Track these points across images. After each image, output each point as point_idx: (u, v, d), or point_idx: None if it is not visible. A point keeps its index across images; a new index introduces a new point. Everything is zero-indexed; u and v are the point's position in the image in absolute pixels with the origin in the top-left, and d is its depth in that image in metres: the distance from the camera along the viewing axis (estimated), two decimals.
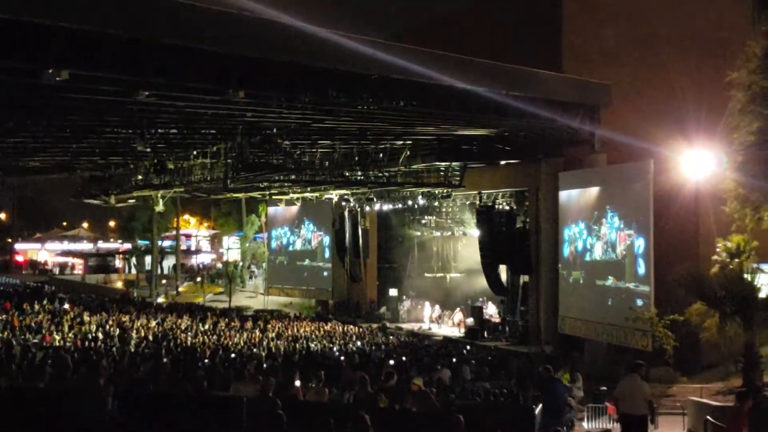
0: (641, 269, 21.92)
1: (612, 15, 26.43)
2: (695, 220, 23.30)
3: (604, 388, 17.96)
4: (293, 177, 28.78)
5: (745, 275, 16.83)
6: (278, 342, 23.90)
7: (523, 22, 28.54)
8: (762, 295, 15.78)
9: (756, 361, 15.94)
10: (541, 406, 12.44)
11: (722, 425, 11.86)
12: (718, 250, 19.77)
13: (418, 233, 38.02)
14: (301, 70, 17.14)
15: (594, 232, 24.29)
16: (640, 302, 21.66)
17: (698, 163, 20.74)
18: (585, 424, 16.03)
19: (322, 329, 28.61)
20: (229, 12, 15.85)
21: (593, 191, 24.67)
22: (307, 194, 37.71)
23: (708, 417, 13.03)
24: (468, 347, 26.92)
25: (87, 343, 20.67)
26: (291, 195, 38.60)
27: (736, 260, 19.13)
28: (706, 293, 16.53)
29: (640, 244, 21.98)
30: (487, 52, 22.33)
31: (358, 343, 25.44)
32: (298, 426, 8.37)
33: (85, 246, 66.10)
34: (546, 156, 27.41)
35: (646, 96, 24.30)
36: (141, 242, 58.76)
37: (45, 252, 66.24)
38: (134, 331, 23.75)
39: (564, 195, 26.00)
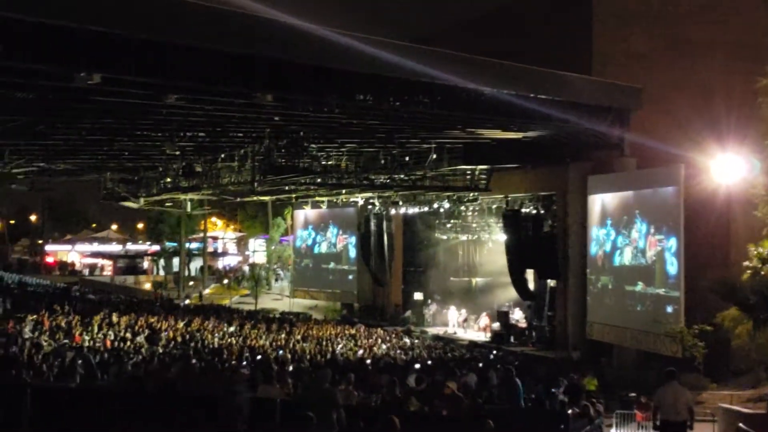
0: (671, 275, 21.65)
1: (642, 18, 26.22)
2: (726, 225, 22.99)
3: (633, 394, 17.79)
4: (319, 180, 28.88)
5: None
6: (304, 344, 23.95)
7: (553, 25, 28.40)
8: None
9: None
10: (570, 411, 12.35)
11: None
12: (750, 255, 19.51)
13: (444, 237, 37.92)
14: (328, 73, 17.24)
15: (623, 237, 24.04)
16: (670, 309, 21.41)
17: (729, 167, 20.47)
18: (613, 431, 15.87)
19: (347, 332, 28.62)
20: (257, 16, 15.97)
21: (623, 195, 24.44)
22: (333, 197, 37.81)
23: (740, 424, 12.84)
24: (494, 352, 26.78)
25: (116, 343, 20.86)
26: (317, 198, 38.74)
27: None
28: (739, 299, 16.29)
29: (670, 249, 21.72)
30: (515, 55, 22.24)
31: (384, 346, 25.41)
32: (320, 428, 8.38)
33: (114, 247, 66.82)
34: (574, 160, 27.22)
35: (677, 100, 24.04)
36: (169, 244, 59.28)
37: (75, 253, 67.05)
38: (162, 333, 23.93)
39: (592, 199, 25.79)
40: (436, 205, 34.07)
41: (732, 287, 16.63)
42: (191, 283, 54.06)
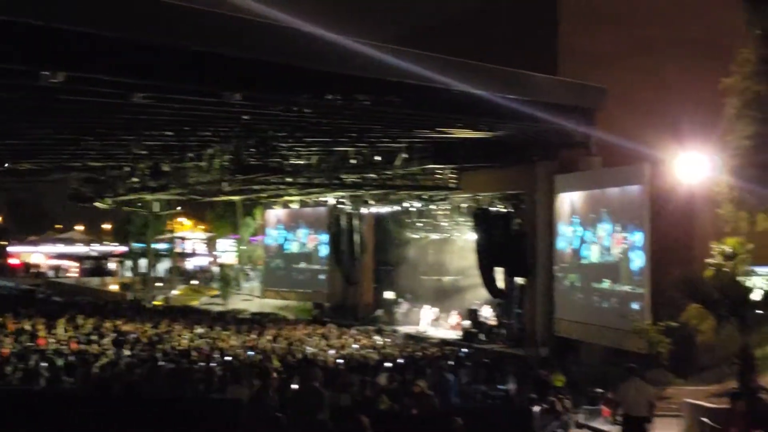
0: (637, 272, 21.97)
1: (608, 18, 26.47)
2: (690, 223, 23.33)
3: (600, 390, 18.00)
4: (289, 179, 28.77)
5: (740, 278, 16.87)
6: (274, 345, 23.85)
7: (519, 25, 28.60)
8: (756, 297, 15.83)
9: (751, 363, 15.97)
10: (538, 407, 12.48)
11: (718, 427, 11.90)
12: (713, 253, 19.85)
13: (415, 236, 38.02)
14: (298, 72, 17.13)
15: (590, 235, 24.33)
16: (636, 306, 21.70)
17: (693, 166, 20.79)
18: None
19: (318, 332, 28.56)
20: (226, 13, 15.84)
21: (589, 194, 24.72)
22: (303, 197, 37.70)
23: (704, 419, 13.07)
24: (464, 350, 26.91)
25: (82, 346, 20.59)
26: (287, 197, 38.60)
27: (731, 263, 19.20)
28: (701, 296, 16.59)
29: (636, 246, 22.04)
30: (482, 55, 22.33)
31: (355, 345, 25.40)
32: (296, 428, 8.36)
33: (80, 249, 65.93)
34: (542, 159, 27.46)
35: (642, 99, 24.36)
36: (136, 245, 58.62)
37: (39, 254, 66.05)
38: (129, 335, 23.68)
39: (560, 198, 26.07)
40: (406, 204, 34.14)
41: (695, 284, 16.92)
42: (159, 284, 53.55)
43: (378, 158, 29.22)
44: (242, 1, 16.03)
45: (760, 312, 15.62)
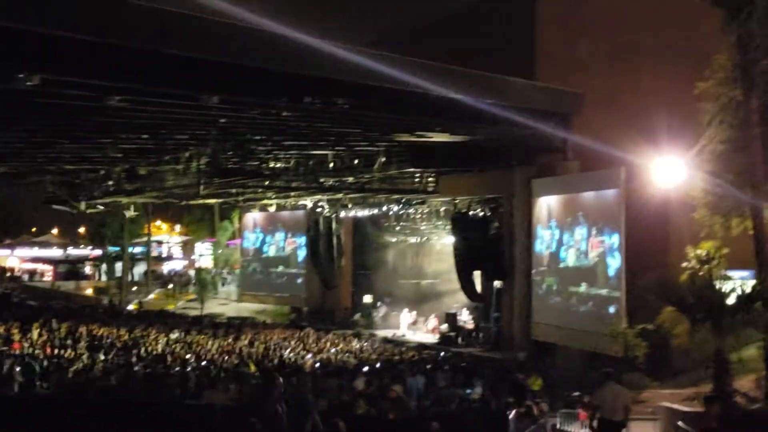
0: (613, 276, 22.12)
1: (586, 23, 26.68)
2: (666, 227, 23.58)
3: (577, 393, 18.07)
4: (267, 183, 28.67)
5: (715, 282, 17.05)
6: (251, 350, 23.73)
7: (497, 29, 28.72)
8: (730, 301, 16.00)
9: (726, 366, 16.14)
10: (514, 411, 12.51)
11: (693, 430, 11.98)
12: (688, 257, 20.05)
13: (393, 239, 38.03)
14: (275, 75, 17.09)
15: (567, 238, 24.47)
16: (612, 309, 21.84)
17: (669, 171, 20.97)
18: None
19: (295, 337, 28.44)
20: (203, 17, 15.75)
21: (566, 198, 24.87)
22: (281, 200, 37.57)
23: (679, 422, 13.16)
24: (442, 354, 26.95)
25: (57, 350, 20.36)
26: (265, 201, 38.44)
27: (706, 267, 19.40)
28: (676, 300, 16.74)
29: (612, 250, 22.19)
30: (461, 59, 22.39)
31: (333, 350, 25.34)
32: None
33: (55, 252, 65.19)
34: (520, 163, 27.59)
35: (619, 104, 24.57)
36: (111, 249, 58.06)
37: (14, 258, 65.24)
38: (104, 339, 23.45)
39: (537, 202, 26.20)
40: (385, 208, 34.14)
41: (670, 288, 17.07)
42: (135, 288, 53.10)
43: (356, 161, 29.23)
44: (221, 5, 15.95)
45: (735, 316, 15.78)
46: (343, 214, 36.63)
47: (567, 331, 24.15)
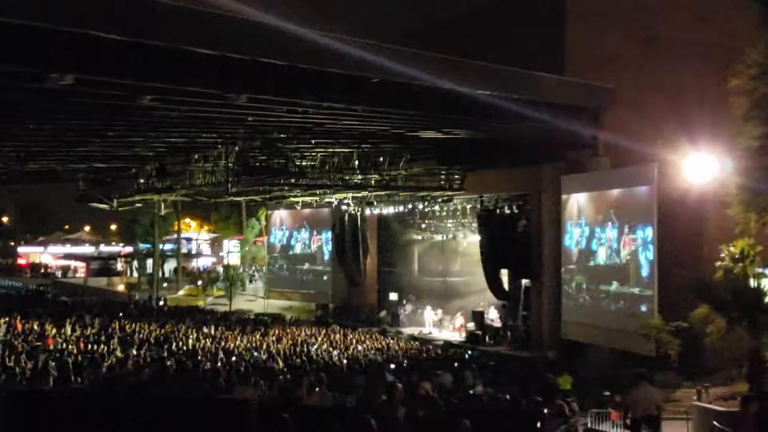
0: (645, 274, 21.88)
1: (615, 18, 26.37)
2: (699, 224, 23.24)
3: (607, 393, 17.91)
4: (293, 181, 28.75)
5: (751, 280, 16.78)
6: (279, 346, 23.86)
7: (526, 25, 28.51)
8: (767, 299, 15.75)
9: (761, 366, 15.89)
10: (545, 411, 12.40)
11: (728, 430, 11.83)
12: (722, 254, 19.75)
13: (419, 237, 37.97)
14: (302, 73, 17.13)
15: (598, 237, 24.25)
16: (644, 308, 21.61)
17: (702, 167, 20.71)
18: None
19: (322, 333, 28.55)
20: (231, 16, 15.85)
21: (597, 195, 24.64)
22: (307, 198, 37.68)
23: (714, 422, 12.99)
24: (470, 352, 26.85)
25: (90, 346, 20.64)
26: (291, 199, 38.59)
27: (740, 265, 19.09)
28: (712, 298, 16.50)
29: (644, 248, 21.95)
30: (489, 55, 22.31)
31: (359, 347, 25.38)
32: (302, 429, 8.32)
33: (87, 249, 66.13)
34: (548, 160, 27.39)
35: (650, 100, 24.26)
36: (142, 245, 58.73)
37: (47, 255, 66.25)
38: (136, 335, 23.72)
39: (566, 199, 25.98)
40: (410, 206, 34.09)
41: (706, 286, 16.83)
42: (165, 284, 53.63)
43: (381, 159, 29.22)
44: (247, 7, 16.04)
45: None
46: (368, 211, 36.65)
47: (598, 329, 23.93)
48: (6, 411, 8.86)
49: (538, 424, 12.08)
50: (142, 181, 30.44)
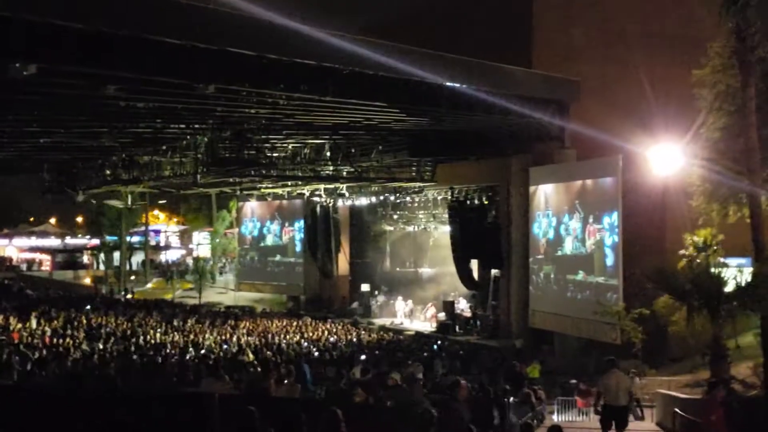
0: (610, 263, 22.18)
1: (581, 11, 26.64)
2: (663, 214, 23.62)
3: (574, 381, 18.16)
4: (264, 172, 28.63)
5: (712, 269, 17.09)
6: (249, 338, 23.78)
7: (493, 17, 28.65)
8: (728, 288, 16.03)
9: (723, 353, 16.20)
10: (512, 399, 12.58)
11: (691, 417, 12.07)
12: (685, 244, 20.10)
13: (391, 228, 38.04)
14: (271, 63, 17.04)
15: (564, 227, 24.51)
16: (609, 297, 21.89)
17: (666, 158, 21.00)
18: (555, 417, 16.18)
19: (293, 325, 28.51)
20: (198, 5, 15.70)
21: (563, 186, 24.88)
22: (278, 189, 37.55)
23: (676, 409, 13.24)
24: (440, 342, 27.02)
25: (55, 340, 20.39)
26: (262, 190, 38.42)
27: (703, 254, 19.45)
28: (673, 287, 16.77)
29: (609, 238, 22.24)
30: (457, 47, 22.37)
31: (331, 338, 25.40)
32: (269, 422, 8.34)
33: (53, 242, 65.15)
34: (516, 152, 27.59)
35: (615, 92, 24.55)
36: (109, 238, 58.05)
37: (12, 248, 65.20)
38: (103, 328, 23.48)
39: (534, 190, 26.20)
40: (382, 197, 34.14)
41: (667, 275, 17.11)
42: (133, 277, 53.12)
43: (353, 150, 29.20)
44: None
45: (733, 303, 15.81)
46: (340, 203, 36.63)
47: (564, 318, 24.22)
48: None
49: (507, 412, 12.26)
50: (108, 172, 30.11)
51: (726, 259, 19.09)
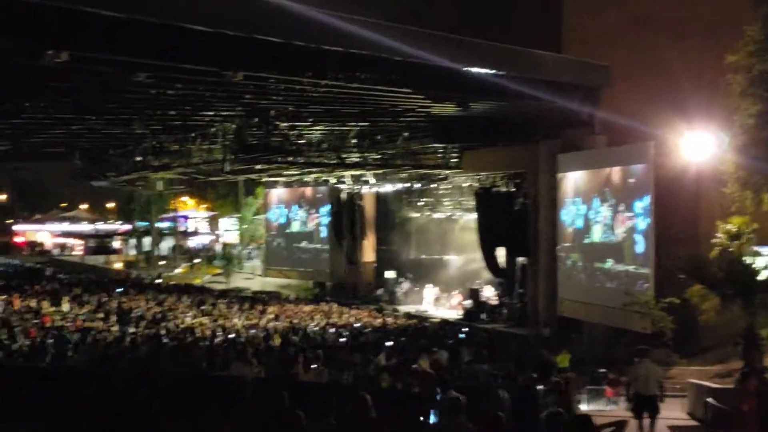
0: (641, 252, 21.93)
1: None
2: (695, 202, 23.26)
3: (603, 370, 18.03)
4: (291, 159, 28.73)
5: (745, 258, 16.85)
6: (276, 323, 23.95)
7: (524, 3, 28.36)
8: (761, 277, 15.81)
9: (756, 343, 16.00)
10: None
11: (723, 407, 11.95)
12: (718, 232, 19.80)
13: (417, 215, 37.97)
14: (299, 50, 17.05)
15: (593, 215, 24.28)
16: (639, 285, 21.67)
17: (699, 145, 20.70)
18: (583, 406, 16.09)
19: (319, 311, 28.65)
20: None
21: (593, 173, 24.63)
22: (304, 176, 37.68)
23: (708, 399, 13.11)
24: (466, 329, 26.98)
25: (87, 323, 20.70)
26: (289, 177, 38.57)
27: (736, 243, 19.16)
28: (705, 276, 16.58)
29: (640, 226, 21.99)
30: (485, 33, 22.20)
31: (356, 324, 25.49)
32: (299, 406, 8.40)
33: (84, 227, 66.06)
34: (545, 138, 27.34)
35: (646, 78, 24.16)
36: (140, 223, 58.72)
37: (44, 233, 66.23)
38: (133, 312, 23.79)
39: (563, 177, 25.97)
40: (408, 184, 34.09)
41: (700, 264, 16.90)
42: (163, 262, 53.68)
43: (379, 137, 29.17)
44: None
45: (767, 293, 15.60)
46: (366, 189, 36.64)
47: (593, 307, 24.04)
48: None
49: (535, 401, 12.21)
50: (138, 158, 30.42)
51: (759, 248, 18.81)
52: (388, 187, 35.28)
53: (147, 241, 56.14)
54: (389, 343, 19.14)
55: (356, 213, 37.30)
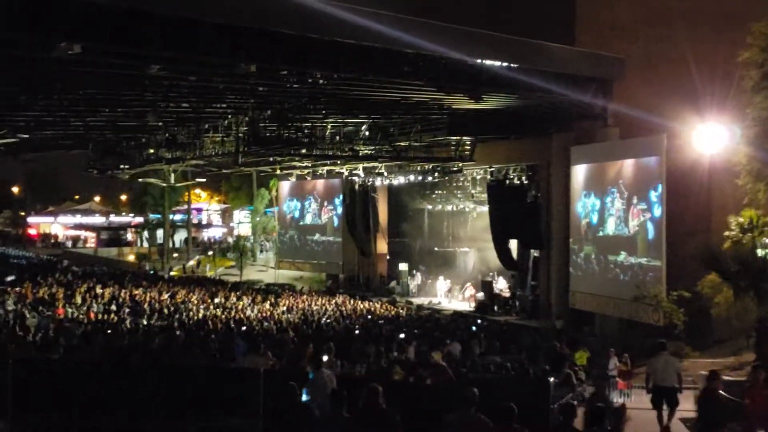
0: (653, 244, 21.84)
1: None
2: (708, 194, 23.15)
3: (625, 354, 17.98)
4: (304, 151, 28.77)
5: (759, 250, 16.77)
6: (289, 315, 24.04)
7: None
8: None
9: None
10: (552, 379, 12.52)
11: (735, 399, 11.91)
12: (730, 225, 19.70)
13: (429, 207, 37.96)
14: (311, 43, 17.08)
15: (606, 207, 24.19)
16: (652, 278, 21.58)
17: (711, 137, 20.58)
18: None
19: (332, 303, 28.72)
20: None
21: (606, 166, 24.53)
22: (317, 168, 37.72)
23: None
24: (478, 321, 26.98)
25: (100, 315, 20.84)
26: (302, 169, 38.62)
27: (749, 235, 19.06)
28: (719, 268, 16.51)
29: (652, 219, 21.89)
30: (498, 25, 22.12)
31: (368, 317, 25.54)
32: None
33: (97, 219, 66.39)
34: (557, 130, 27.25)
35: (659, 70, 24.07)
36: (153, 216, 58.97)
37: (57, 225, 66.60)
38: (146, 304, 23.93)
39: (576, 169, 25.88)
40: (420, 176, 34.07)
41: (714, 256, 16.83)
42: (175, 254, 53.91)
43: (392, 129, 29.14)
44: None
45: None
46: (378, 182, 36.63)
47: (606, 299, 23.97)
48: (13, 378, 9.01)
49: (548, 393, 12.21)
50: (151, 150, 30.53)
51: None
52: (400, 180, 35.25)
53: (160, 233, 56.33)
54: (402, 336, 19.15)
55: (369, 205, 37.28)
